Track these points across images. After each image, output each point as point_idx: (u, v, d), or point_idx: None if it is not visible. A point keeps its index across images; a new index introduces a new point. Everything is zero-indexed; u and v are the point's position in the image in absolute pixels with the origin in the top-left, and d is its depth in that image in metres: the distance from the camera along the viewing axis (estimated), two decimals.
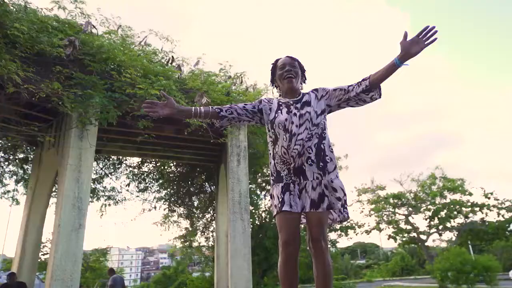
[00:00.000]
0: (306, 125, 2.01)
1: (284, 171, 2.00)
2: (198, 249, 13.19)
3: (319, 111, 2.07)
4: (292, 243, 1.86)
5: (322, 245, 1.85)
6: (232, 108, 2.10)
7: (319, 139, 2.01)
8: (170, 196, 10.65)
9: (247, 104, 2.14)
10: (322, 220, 1.90)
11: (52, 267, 5.23)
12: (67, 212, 5.39)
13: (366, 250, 51.79)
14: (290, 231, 1.87)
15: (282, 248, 1.86)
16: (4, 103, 4.64)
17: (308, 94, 2.15)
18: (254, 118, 2.14)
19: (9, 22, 4.08)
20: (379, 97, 2.01)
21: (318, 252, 1.85)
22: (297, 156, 1.96)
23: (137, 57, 5.99)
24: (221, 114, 2.08)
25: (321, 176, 1.96)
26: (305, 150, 1.96)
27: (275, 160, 2.05)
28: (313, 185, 1.95)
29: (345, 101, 2.08)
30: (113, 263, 43.47)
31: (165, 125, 7.21)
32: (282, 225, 1.90)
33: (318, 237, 1.86)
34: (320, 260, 1.84)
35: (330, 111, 2.14)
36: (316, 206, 1.91)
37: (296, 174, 1.97)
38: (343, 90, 2.07)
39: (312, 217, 1.90)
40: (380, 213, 19.51)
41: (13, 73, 3.81)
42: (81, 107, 4.92)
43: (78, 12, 5.81)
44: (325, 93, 2.12)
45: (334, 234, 15.16)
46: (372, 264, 41.35)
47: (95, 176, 9.52)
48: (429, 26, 1.82)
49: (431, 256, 19.82)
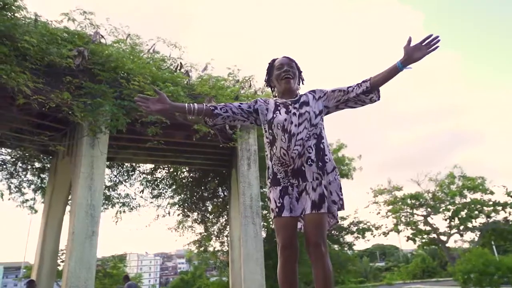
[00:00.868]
0: (305, 125, 1.97)
1: (282, 173, 1.95)
2: (213, 254, 13.20)
3: (318, 111, 2.04)
4: (290, 247, 1.83)
5: (322, 250, 1.79)
6: (227, 107, 2.05)
7: (317, 139, 1.98)
8: (183, 202, 10.71)
9: (242, 104, 2.10)
10: (322, 223, 1.84)
11: (67, 274, 5.31)
12: (81, 219, 5.47)
13: (385, 252, 50.80)
14: (288, 235, 1.84)
15: (280, 252, 1.83)
16: (16, 114, 4.75)
17: (305, 95, 2.11)
18: (249, 118, 2.09)
19: (19, 35, 4.18)
20: (378, 99, 2.01)
21: (318, 257, 1.79)
22: (297, 157, 1.91)
23: (145, 64, 6.07)
24: (215, 112, 2.02)
25: (320, 177, 1.92)
26: (305, 150, 1.92)
27: (272, 161, 2.01)
28: (313, 186, 1.90)
29: (343, 102, 2.05)
30: (132, 269, 44.09)
31: (175, 131, 7.25)
32: (279, 229, 1.87)
33: (318, 241, 1.80)
34: (320, 264, 1.78)
35: (328, 112, 2.11)
36: (317, 207, 1.85)
37: (294, 176, 1.93)
38: (342, 91, 2.04)
39: (312, 219, 1.84)
40: (398, 214, 19.08)
41: (22, 85, 3.91)
42: (91, 115, 5.00)
43: (87, 23, 5.93)
44: (323, 94, 2.09)
45: (351, 237, 14.91)
46: (391, 267, 40.50)
47: (110, 183, 9.67)
48: (433, 35, 1.87)
49: (452, 258, 19.25)
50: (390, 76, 1.93)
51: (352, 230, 14.78)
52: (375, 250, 49.62)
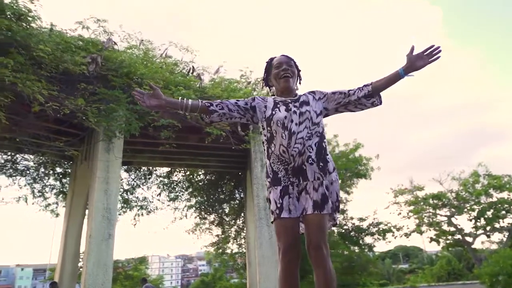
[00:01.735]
0: (306, 124, 1.94)
1: (282, 171, 1.91)
2: (231, 256, 13.23)
3: (318, 111, 2.01)
4: (291, 250, 1.77)
5: (324, 252, 1.73)
6: (223, 104, 2.02)
7: (319, 138, 1.94)
8: (200, 204, 10.78)
9: (239, 100, 2.06)
10: (323, 224, 1.79)
11: (85, 276, 5.43)
12: (97, 223, 5.59)
13: (408, 253, 49.55)
14: (289, 238, 1.79)
15: (281, 256, 1.78)
16: (34, 120, 4.91)
17: (304, 95, 2.08)
18: (246, 116, 2.05)
19: (34, 44, 4.32)
20: (380, 104, 2.01)
21: (319, 259, 1.73)
22: (297, 155, 1.87)
23: (158, 69, 6.16)
24: (211, 109, 1.99)
25: (322, 177, 1.87)
26: (305, 149, 1.88)
27: (270, 160, 1.96)
28: (315, 186, 1.85)
29: (344, 105, 2.03)
30: (153, 271, 44.79)
31: (189, 134, 7.32)
32: (280, 231, 1.82)
33: (319, 243, 1.74)
34: (321, 268, 1.73)
35: (327, 114, 2.08)
36: (320, 207, 1.80)
37: (295, 174, 1.88)
38: (343, 93, 2.02)
39: (313, 220, 1.79)
40: (420, 214, 18.56)
41: (36, 92, 4.03)
42: (104, 121, 5.11)
43: (101, 30, 6.07)
44: (323, 96, 2.06)
45: (370, 238, 14.61)
46: (415, 269, 39.40)
47: (128, 187, 9.85)
48: (434, 46, 1.92)
49: (479, 260, 18.53)
50: (392, 82, 1.95)
51: (371, 231, 14.46)
52: (397, 252, 48.46)
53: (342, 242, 13.91)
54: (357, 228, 14.27)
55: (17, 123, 5.01)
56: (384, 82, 1.95)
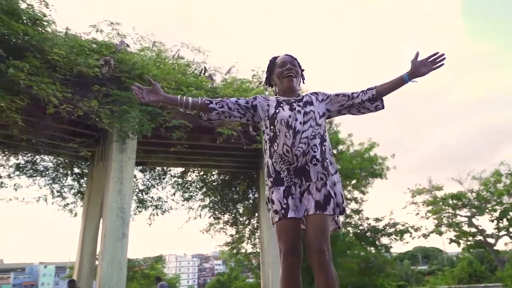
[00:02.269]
0: (310, 123, 1.91)
1: (284, 171, 1.87)
2: (246, 256, 13.23)
3: (321, 112, 1.98)
4: (293, 252, 1.74)
5: (326, 255, 1.68)
6: (223, 102, 1.98)
7: (322, 138, 1.91)
8: (214, 204, 10.83)
9: (240, 99, 2.03)
10: (326, 225, 1.75)
11: (100, 274, 5.54)
12: (112, 222, 5.69)
13: (428, 254, 48.45)
14: (291, 240, 1.75)
15: (282, 259, 1.74)
16: (50, 122, 5.03)
17: (307, 95, 2.05)
18: (246, 115, 2.02)
19: (49, 48, 4.43)
20: (383, 108, 2.01)
21: (321, 263, 1.67)
22: (301, 155, 1.84)
23: (171, 70, 6.22)
24: (210, 107, 1.94)
25: (325, 177, 1.84)
26: (310, 149, 1.85)
27: (272, 159, 1.92)
28: (318, 186, 1.81)
29: (347, 108, 2.01)
30: (170, 270, 45.38)
31: (202, 134, 7.37)
32: (282, 233, 1.79)
33: (322, 246, 1.69)
34: (324, 272, 1.67)
35: (329, 116, 2.05)
36: (322, 208, 1.76)
37: (297, 175, 1.85)
38: (346, 96, 2.00)
39: (315, 221, 1.74)
40: (439, 215, 18.09)
41: (51, 95, 4.13)
42: (117, 122, 5.19)
43: (114, 33, 6.18)
44: (326, 97, 2.04)
45: (387, 239, 14.33)
46: (435, 270, 38.49)
47: (143, 187, 9.99)
48: (439, 53, 1.91)
49: (502, 262, 17.94)
50: (396, 87, 1.95)
51: (388, 232, 14.19)
52: (416, 253, 47.47)
53: (358, 242, 13.70)
54: (373, 228, 14.02)
55: (34, 125, 5.15)
56: (388, 86, 1.95)
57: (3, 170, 8.41)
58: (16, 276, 59.93)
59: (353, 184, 12.61)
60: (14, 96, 4.14)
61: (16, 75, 3.96)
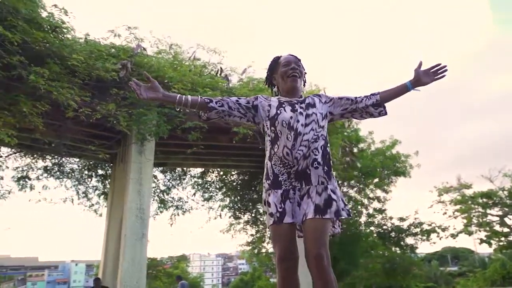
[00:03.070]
0: (312, 126, 1.86)
1: (284, 175, 1.82)
2: (267, 255, 13.23)
3: (324, 114, 1.94)
4: (288, 258, 1.70)
5: (325, 262, 1.61)
6: (224, 101, 1.94)
7: (324, 141, 1.87)
8: (234, 204, 10.88)
9: (240, 98, 1.99)
10: (325, 230, 1.69)
11: (120, 274, 5.68)
12: (131, 222, 5.82)
13: (458, 255, 46.72)
14: (287, 245, 1.71)
15: (278, 264, 1.70)
16: (72, 125, 5.21)
17: (310, 97, 2.00)
18: (247, 115, 1.97)
19: (67, 54, 4.58)
20: (386, 114, 2.03)
21: (319, 268, 1.61)
22: (301, 158, 1.79)
23: (187, 72, 6.29)
24: (210, 105, 1.90)
25: (326, 181, 1.79)
26: (311, 152, 1.80)
27: (272, 161, 1.87)
28: (318, 190, 1.76)
29: (350, 112, 2.00)
30: (194, 269, 46.06)
31: (219, 135, 7.41)
32: (276, 237, 1.75)
33: (320, 251, 1.63)
34: (323, 279, 1.61)
35: (332, 119, 2.02)
36: (322, 212, 1.70)
37: (297, 178, 1.80)
38: (349, 100, 1.99)
39: (314, 225, 1.69)
40: (468, 214, 17.40)
41: (69, 99, 4.27)
42: (135, 124, 5.30)
43: (132, 37, 6.31)
44: (329, 100, 2.01)
45: (412, 239, 13.93)
46: (466, 272, 37.04)
47: (164, 187, 10.17)
48: (441, 64, 1.95)
49: None
50: (399, 94, 1.98)
51: (412, 231, 13.78)
52: (445, 253, 45.89)
53: (381, 242, 13.39)
54: (397, 228, 13.66)
55: (56, 128, 5.34)
56: (392, 93, 1.98)
57: (32, 172, 8.79)
58: (50, 273, 62.62)
59: (376, 183, 12.33)
60: (35, 101, 4.31)
61: (36, 81, 4.12)
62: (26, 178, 8.64)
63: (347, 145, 9.31)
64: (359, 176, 11.50)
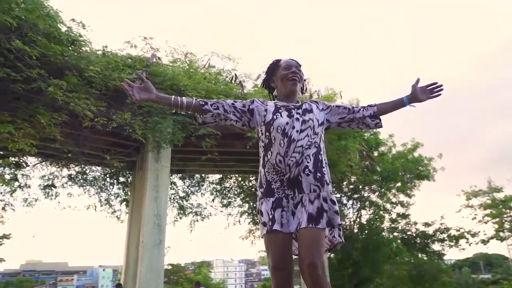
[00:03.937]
0: (307, 132, 1.83)
1: (276, 182, 1.79)
2: None
3: (320, 121, 1.91)
4: (282, 267, 1.66)
5: (319, 272, 1.57)
6: (219, 103, 1.90)
7: (317, 148, 1.83)
8: (253, 210, 10.86)
9: (236, 102, 1.96)
10: (319, 239, 1.64)
11: (139, 280, 5.76)
12: (149, 229, 5.91)
13: (491, 262, 44.57)
14: (280, 255, 1.68)
15: (272, 274, 1.67)
16: (91, 134, 5.37)
17: (307, 103, 1.97)
18: (242, 119, 1.93)
19: (84, 66, 4.74)
20: (381, 126, 2.05)
21: (314, 278, 1.56)
22: (294, 165, 1.76)
23: (202, 79, 6.37)
24: (204, 108, 1.86)
25: (318, 189, 1.74)
26: (303, 159, 1.77)
27: (265, 169, 1.84)
28: (311, 198, 1.72)
29: (347, 121, 1.98)
30: (217, 275, 46.20)
31: (235, 140, 7.43)
32: (271, 247, 1.71)
33: (314, 261, 1.58)
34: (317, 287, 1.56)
35: (328, 127, 1.99)
36: (315, 221, 1.66)
37: (290, 186, 1.76)
38: (347, 109, 1.99)
39: (308, 234, 1.64)
40: (499, 219, 16.58)
41: (85, 109, 4.41)
42: (150, 132, 5.40)
43: (148, 47, 6.46)
44: (326, 107, 1.99)
45: (438, 245, 13.39)
46: (500, 279, 35.25)
47: (183, 194, 10.30)
48: (438, 83, 1.98)
49: None
50: (396, 108, 2.00)
51: (439, 237, 13.26)
52: (477, 260, 43.89)
53: (406, 248, 12.96)
54: (423, 234, 13.19)
55: (75, 137, 5.52)
56: (389, 107, 2.00)
57: (57, 180, 9.13)
58: (79, 278, 64.57)
59: (398, 187, 11.99)
60: (54, 112, 4.48)
61: (55, 93, 4.28)
62: (52, 186, 8.99)
63: (365, 149, 9.12)
64: (380, 181, 11.22)
